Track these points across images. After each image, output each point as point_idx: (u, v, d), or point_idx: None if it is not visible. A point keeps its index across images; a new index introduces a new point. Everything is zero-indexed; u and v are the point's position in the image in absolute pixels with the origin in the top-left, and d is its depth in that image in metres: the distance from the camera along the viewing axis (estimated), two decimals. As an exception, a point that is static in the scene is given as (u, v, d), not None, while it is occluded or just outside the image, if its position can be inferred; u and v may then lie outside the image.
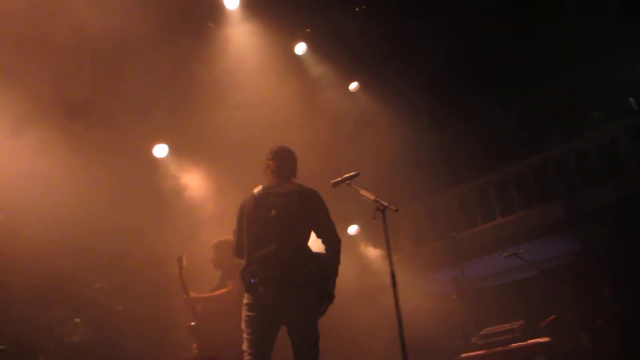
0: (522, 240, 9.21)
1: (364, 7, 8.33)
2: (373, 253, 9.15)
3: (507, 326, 6.67)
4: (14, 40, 5.63)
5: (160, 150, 7.45)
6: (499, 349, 6.40)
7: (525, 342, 6.23)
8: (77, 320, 5.26)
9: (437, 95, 9.49)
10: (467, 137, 10.50)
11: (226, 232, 4.95)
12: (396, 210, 4.09)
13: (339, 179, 4.38)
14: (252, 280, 3.78)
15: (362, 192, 4.28)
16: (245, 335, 3.75)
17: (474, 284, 9.29)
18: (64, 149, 5.93)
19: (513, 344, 6.32)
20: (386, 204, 4.12)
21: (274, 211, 3.94)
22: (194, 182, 7.42)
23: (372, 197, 4.19)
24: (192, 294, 5.00)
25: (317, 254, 4.02)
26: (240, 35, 7.44)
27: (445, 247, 9.91)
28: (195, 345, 4.90)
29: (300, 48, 8.24)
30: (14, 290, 5.08)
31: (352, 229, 9.56)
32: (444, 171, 10.57)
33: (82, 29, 5.82)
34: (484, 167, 10.69)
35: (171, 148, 7.48)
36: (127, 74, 6.53)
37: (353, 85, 8.82)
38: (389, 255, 4.01)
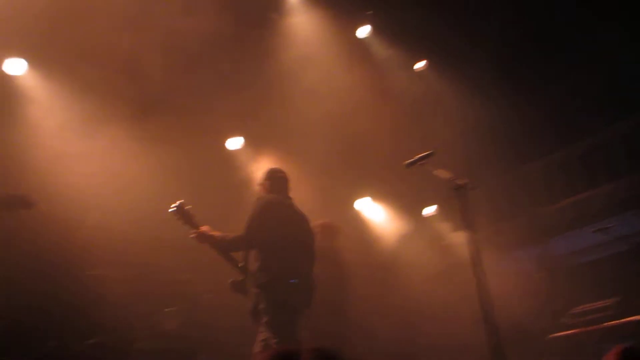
0: (610, 214, 8.69)
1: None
2: (451, 233, 8.99)
3: (599, 304, 6.36)
4: (86, 41, 5.96)
5: (235, 143, 7.65)
6: (592, 327, 6.12)
7: (620, 320, 5.92)
8: (168, 309, 5.51)
9: (512, 66, 9.09)
10: (547, 106, 9.99)
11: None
12: (474, 188, 3.99)
13: (413, 159, 4.31)
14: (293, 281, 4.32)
15: (437, 171, 4.20)
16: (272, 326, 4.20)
17: (560, 262, 8.89)
18: (143, 145, 6.27)
19: (607, 323, 6.02)
20: (463, 182, 4.02)
21: (298, 224, 4.58)
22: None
23: (448, 176, 4.09)
24: (204, 228, 4.55)
25: None
26: (303, 23, 7.48)
27: (527, 224, 9.58)
28: None
29: (364, 31, 8.15)
30: (110, 283, 5.39)
31: (429, 210, 9.44)
32: (522, 145, 10.12)
33: (152, 29, 6.06)
34: (567, 138, 10.16)
35: (245, 140, 7.68)
36: (197, 70, 6.75)
37: (420, 64, 8.62)
38: (471, 235, 3.91)
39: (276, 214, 4.53)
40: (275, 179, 4.80)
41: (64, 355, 5.01)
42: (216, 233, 4.56)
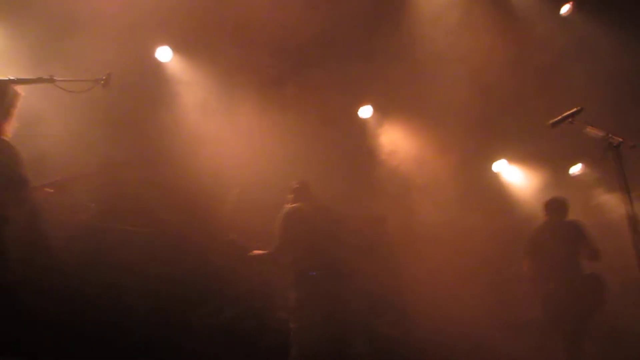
0: None
1: None
2: (602, 193, 8.29)
3: None
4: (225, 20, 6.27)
5: (366, 112, 7.65)
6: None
7: None
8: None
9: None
10: None
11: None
12: (634, 146, 3.60)
13: (559, 117, 3.98)
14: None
15: (589, 129, 3.84)
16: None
17: None
18: (279, 120, 6.50)
19: None
20: (620, 139, 3.64)
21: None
22: (398, 142, 7.53)
23: (602, 134, 3.73)
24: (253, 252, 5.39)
25: None
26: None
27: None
28: None
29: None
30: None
31: (576, 168, 8.78)
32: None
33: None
34: None
35: (376, 109, 7.64)
36: (323, 39, 6.80)
37: (565, 9, 7.83)
38: (628, 199, 3.56)
39: (293, 222, 5.16)
40: (295, 190, 5.43)
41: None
42: (262, 252, 5.37)
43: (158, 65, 6.71)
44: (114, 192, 5.43)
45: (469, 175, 8.11)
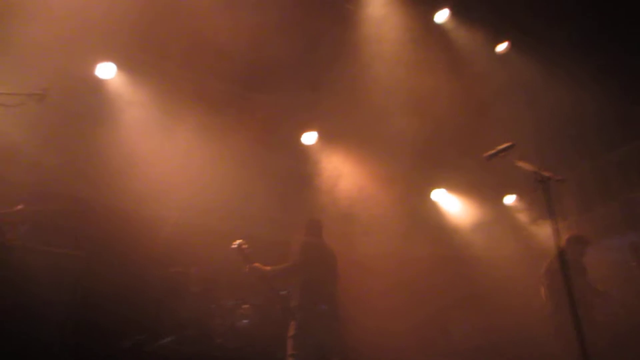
0: None
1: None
2: (534, 223, 8.66)
3: None
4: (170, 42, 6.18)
5: (310, 138, 7.71)
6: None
7: None
8: (246, 306, 5.66)
9: (602, 43, 8.48)
10: (638, 87, 9.30)
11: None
12: (560, 180, 3.78)
13: (493, 151, 4.14)
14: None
15: (520, 163, 4.01)
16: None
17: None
18: (221, 143, 6.43)
19: None
20: (548, 174, 3.82)
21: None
22: (342, 169, 7.61)
23: (532, 168, 3.90)
24: (257, 264, 5.20)
25: None
26: (378, 13, 7.34)
27: (621, 210, 9.00)
28: None
29: (442, 15, 7.89)
30: (191, 280, 5.61)
31: (509, 199, 9.14)
32: (615, 126, 9.51)
33: (234, 27, 6.18)
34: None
35: (320, 134, 7.72)
36: (272, 65, 6.82)
37: (502, 47, 8.23)
38: (555, 232, 3.72)
39: (311, 253, 5.29)
40: (310, 224, 5.61)
41: (145, 353, 5.29)
42: (267, 267, 5.29)
43: (99, 82, 6.52)
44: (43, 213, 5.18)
45: (410, 204, 8.29)
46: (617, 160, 9.93)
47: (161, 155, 6.35)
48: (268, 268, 5.24)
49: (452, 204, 9.10)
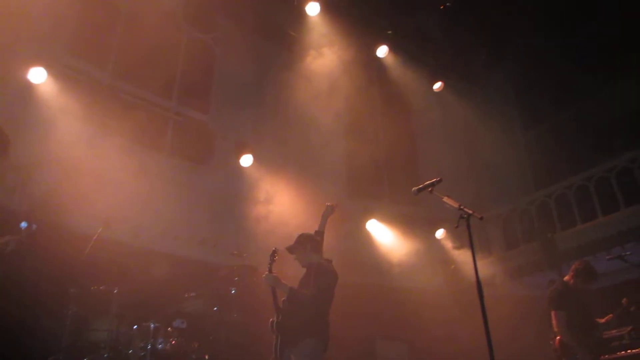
0: (626, 240, 8.55)
1: (448, 3, 8.04)
2: (461, 257, 8.92)
3: (614, 332, 6.22)
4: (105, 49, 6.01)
5: (246, 161, 7.69)
6: (607, 356, 5.98)
7: (636, 350, 5.78)
8: (169, 329, 5.49)
9: (529, 90, 9.01)
10: (562, 131, 9.87)
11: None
12: (481, 218, 3.93)
13: (421, 185, 4.28)
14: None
15: (445, 199, 4.13)
16: None
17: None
18: (157, 162, 6.29)
19: (622, 352, 5.87)
20: (470, 211, 3.96)
21: None
22: (275, 193, 7.61)
23: (456, 205, 4.04)
24: (275, 274, 4.90)
25: None
26: (321, 41, 7.50)
27: (542, 248, 9.41)
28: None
29: (382, 51, 8.15)
30: (114, 299, 5.40)
31: (439, 233, 9.39)
32: (538, 169, 10.03)
33: (175, 45, 6.12)
34: (583, 163, 10.00)
35: (256, 158, 7.71)
36: (214, 87, 6.80)
37: (437, 85, 8.58)
38: (475, 265, 3.86)
39: (332, 282, 5.02)
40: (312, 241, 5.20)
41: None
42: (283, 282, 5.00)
43: (30, 87, 6.27)
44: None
45: (343, 232, 8.37)
46: (539, 201, 10.46)
47: (88, 168, 6.12)
48: (284, 283, 4.91)
49: (385, 235, 9.24)
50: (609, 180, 9.65)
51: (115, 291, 5.28)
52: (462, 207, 3.99)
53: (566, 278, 6.07)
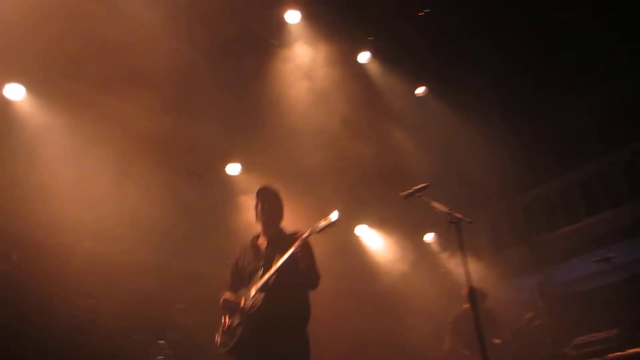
0: (611, 241, 8.63)
1: (426, 10, 8.08)
2: (451, 261, 8.93)
3: (602, 335, 6.26)
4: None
5: (233, 169, 7.64)
6: (594, 359, 6.00)
7: (623, 352, 5.80)
8: (161, 342, 5.41)
9: (512, 92, 9.07)
10: (547, 133, 9.96)
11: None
12: (470, 222, 3.92)
13: (409, 191, 4.26)
14: None
15: (434, 204, 4.13)
16: None
17: (561, 290, 8.77)
18: (141, 173, 6.21)
19: (610, 354, 5.89)
20: (460, 215, 3.95)
21: None
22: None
23: (445, 210, 4.03)
24: None
25: None
26: (303, 49, 7.49)
27: (528, 251, 9.48)
28: None
29: (364, 57, 8.16)
30: (102, 313, 5.31)
31: (428, 237, 9.39)
32: (523, 171, 10.09)
33: (154, 52, 6.05)
34: (567, 165, 10.10)
35: (243, 166, 7.66)
36: (198, 97, 6.76)
37: (420, 90, 8.61)
38: (466, 271, 3.85)
39: None
40: None
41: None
42: None
43: (6, 104, 6.15)
44: None
45: (331, 237, 8.31)
46: (525, 204, 10.53)
47: (74, 183, 6.02)
48: None
49: (374, 240, 9.23)
50: (592, 183, 9.76)
51: (105, 304, 5.18)
52: (451, 211, 3.98)
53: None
